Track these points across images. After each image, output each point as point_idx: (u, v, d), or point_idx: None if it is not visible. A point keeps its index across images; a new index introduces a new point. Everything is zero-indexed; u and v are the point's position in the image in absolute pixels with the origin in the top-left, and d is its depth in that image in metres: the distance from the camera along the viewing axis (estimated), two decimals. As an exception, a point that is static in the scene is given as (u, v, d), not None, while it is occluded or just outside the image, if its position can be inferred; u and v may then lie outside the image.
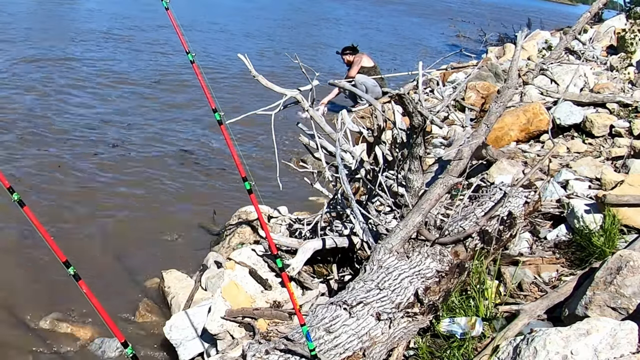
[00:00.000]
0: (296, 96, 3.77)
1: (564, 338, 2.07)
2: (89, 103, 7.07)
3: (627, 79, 6.10)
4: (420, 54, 12.08)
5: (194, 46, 2.80)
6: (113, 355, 3.05)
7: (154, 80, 8.43)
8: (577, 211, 3.24)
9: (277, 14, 18.72)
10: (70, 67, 8.52)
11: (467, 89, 6.62)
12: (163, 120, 6.86)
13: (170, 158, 5.77)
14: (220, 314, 2.87)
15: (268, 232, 2.37)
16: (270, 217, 4.00)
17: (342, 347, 2.27)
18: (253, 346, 2.24)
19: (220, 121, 2.49)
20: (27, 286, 3.54)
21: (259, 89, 3.98)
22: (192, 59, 2.61)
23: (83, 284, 1.87)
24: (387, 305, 2.45)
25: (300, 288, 3.22)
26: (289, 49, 10.48)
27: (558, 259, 3.09)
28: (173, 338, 2.98)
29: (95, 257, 3.89)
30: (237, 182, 5.19)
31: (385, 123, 3.73)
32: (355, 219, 3.14)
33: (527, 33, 8.85)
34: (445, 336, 2.52)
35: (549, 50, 7.77)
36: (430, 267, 2.67)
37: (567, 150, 4.62)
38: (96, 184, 4.98)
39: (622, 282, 2.31)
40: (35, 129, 5.96)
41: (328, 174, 3.67)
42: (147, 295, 3.61)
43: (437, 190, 2.90)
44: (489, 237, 2.99)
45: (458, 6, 28.75)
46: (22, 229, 3.92)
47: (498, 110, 3.87)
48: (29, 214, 1.81)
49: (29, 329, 3.19)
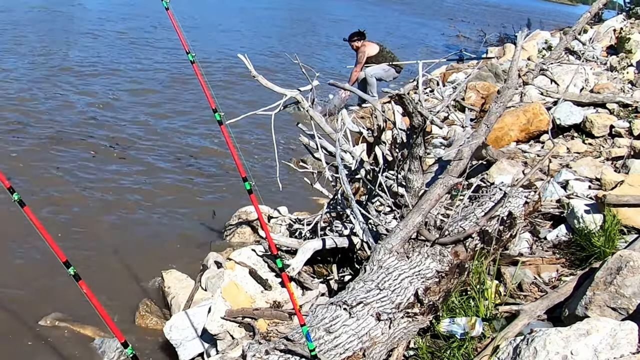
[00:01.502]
0: (296, 96, 3.76)
1: (564, 338, 2.07)
2: (89, 103, 7.07)
3: (627, 79, 6.10)
4: (421, 54, 12.09)
5: (199, 46, 2.79)
6: (113, 355, 3.05)
7: (155, 79, 8.43)
8: (577, 211, 3.24)
9: (276, 13, 18.72)
10: (71, 67, 8.52)
11: (467, 89, 6.62)
12: (163, 120, 6.86)
13: (170, 158, 5.77)
14: (220, 314, 2.87)
15: (268, 232, 2.37)
16: (270, 217, 4.01)
17: (342, 347, 2.27)
18: (253, 346, 2.24)
19: (220, 121, 2.49)
20: (27, 286, 3.54)
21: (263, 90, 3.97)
22: (192, 59, 2.60)
23: (83, 284, 1.87)
24: (387, 306, 2.45)
25: (300, 288, 3.22)
26: (289, 49, 10.49)
27: (558, 259, 3.09)
28: (173, 338, 2.98)
29: (95, 257, 3.89)
30: (237, 182, 5.20)
31: (385, 123, 3.73)
32: (355, 219, 3.14)
33: (527, 33, 8.84)
34: (445, 336, 2.52)
35: (549, 50, 7.77)
36: (430, 268, 2.67)
37: (567, 151, 4.62)
38: (96, 184, 4.97)
39: (622, 282, 2.31)
40: (34, 128, 5.96)
41: (328, 174, 3.67)
42: (147, 295, 3.61)
43: (437, 190, 2.90)
44: (489, 237, 2.99)
45: (458, 6, 28.75)
46: (22, 228, 3.92)
47: (498, 110, 3.87)
48: (29, 214, 1.81)
49: (29, 329, 3.19)
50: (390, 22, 19.26)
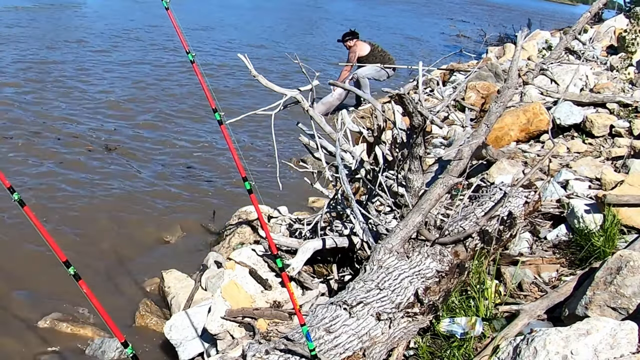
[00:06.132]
0: (296, 96, 3.76)
1: (564, 338, 2.07)
2: (88, 103, 7.07)
3: (627, 79, 6.10)
4: (421, 54, 12.08)
5: (203, 46, 2.79)
6: (113, 355, 3.05)
7: (155, 79, 8.43)
8: (577, 211, 3.24)
9: (275, 13, 18.72)
10: (70, 66, 8.52)
11: (467, 89, 6.62)
12: (163, 120, 6.86)
13: (170, 157, 5.77)
14: (220, 314, 2.87)
15: (268, 232, 2.37)
16: (270, 217, 4.00)
17: (342, 347, 2.27)
18: (253, 346, 2.24)
19: (220, 121, 2.49)
20: (27, 286, 3.54)
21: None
22: (192, 58, 2.60)
23: (83, 283, 1.87)
24: (387, 305, 2.45)
25: (300, 288, 3.22)
26: (289, 49, 10.49)
27: (558, 259, 3.09)
28: (173, 338, 2.98)
29: (96, 257, 3.89)
30: (237, 182, 5.20)
31: (385, 123, 3.73)
32: (355, 219, 3.14)
33: (527, 33, 8.85)
34: (445, 336, 2.52)
35: (549, 50, 7.78)
36: (430, 267, 2.67)
37: (567, 150, 4.62)
38: (96, 184, 4.98)
39: (622, 282, 2.31)
40: (34, 128, 5.96)
41: (328, 174, 3.67)
42: (147, 295, 3.61)
43: (437, 190, 2.90)
44: (489, 237, 2.99)
45: (458, 6, 28.75)
46: (22, 228, 3.92)
47: (498, 110, 3.87)
48: (29, 214, 1.81)
49: (29, 329, 3.19)
50: (390, 22, 19.25)
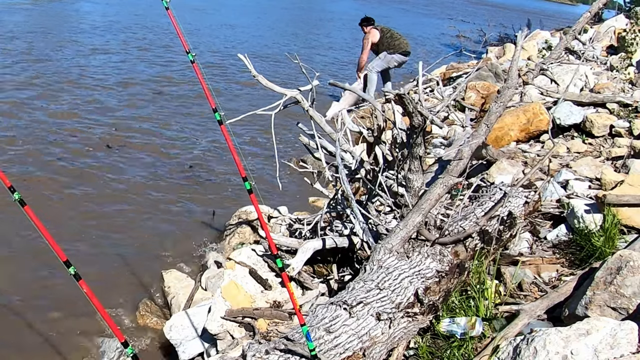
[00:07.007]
0: (296, 96, 3.77)
1: (564, 338, 2.07)
2: (88, 102, 7.07)
3: (627, 79, 6.10)
4: (421, 54, 12.09)
5: (203, 46, 2.79)
6: (113, 355, 3.05)
7: (156, 78, 8.43)
8: (577, 211, 3.24)
9: (275, 13, 18.72)
10: (70, 66, 8.52)
11: (467, 89, 6.62)
12: (163, 120, 6.85)
13: (170, 158, 5.77)
14: (220, 314, 2.87)
15: (268, 232, 2.37)
16: (270, 217, 4.00)
17: (342, 347, 2.27)
18: (253, 346, 2.24)
19: (220, 121, 2.49)
20: (28, 286, 3.54)
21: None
22: (192, 58, 2.60)
23: (83, 283, 1.87)
24: (387, 305, 2.45)
25: (300, 288, 3.22)
26: (292, 49, 10.49)
27: (558, 259, 3.09)
28: (173, 338, 2.98)
29: (96, 257, 3.89)
30: (237, 182, 5.20)
31: (385, 123, 3.73)
32: (355, 219, 3.14)
33: (527, 33, 8.85)
34: (445, 336, 2.52)
35: (549, 50, 7.78)
36: (430, 267, 2.67)
37: (567, 150, 4.62)
38: (96, 184, 4.98)
39: (622, 282, 2.31)
40: (34, 126, 5.96)
41: (328, 174, 3.67)
42: (147, 295, 3.61)
43: (437, 190, 2.90)
44: (489, 237, 2.99)
45: (458, 6, 28.74)
46: (22, 228, 3.92)
47: (498, 110, 3.87)
48: (30, 214, 1.81)
49: (29, 329, 3.19)
50: (391, 23, 19.23)
